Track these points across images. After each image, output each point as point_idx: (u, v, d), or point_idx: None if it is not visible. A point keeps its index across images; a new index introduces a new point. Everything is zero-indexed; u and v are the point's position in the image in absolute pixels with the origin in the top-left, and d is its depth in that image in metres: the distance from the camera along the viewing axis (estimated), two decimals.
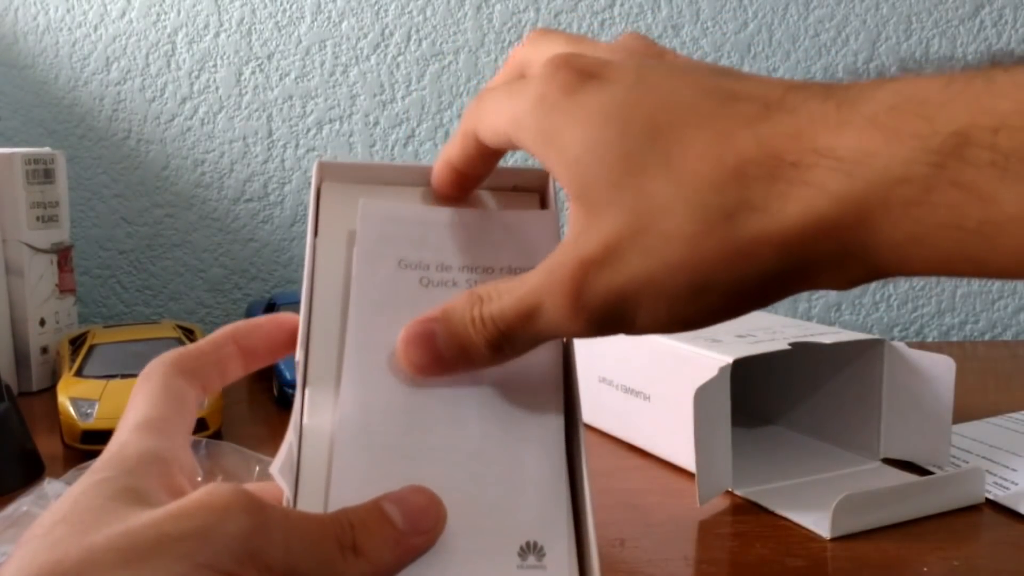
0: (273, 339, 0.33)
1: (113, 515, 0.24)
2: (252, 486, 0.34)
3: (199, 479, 0.30)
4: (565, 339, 0.31)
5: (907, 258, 0.23)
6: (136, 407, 0.29)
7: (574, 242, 0.27)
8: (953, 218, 0.22)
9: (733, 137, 0.25)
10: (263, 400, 0.69)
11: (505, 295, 0.28)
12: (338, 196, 0.32)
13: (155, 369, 0.31)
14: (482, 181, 0.33)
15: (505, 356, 0.29)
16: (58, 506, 0.25)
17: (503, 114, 0.29)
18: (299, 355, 0.29)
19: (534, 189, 0.34)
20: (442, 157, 0.33)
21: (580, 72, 0.27)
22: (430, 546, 0.26)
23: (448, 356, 0.29)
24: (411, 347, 0.29)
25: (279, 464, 0.27)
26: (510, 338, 0.28)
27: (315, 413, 0.28)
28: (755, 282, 0.25)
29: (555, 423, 0.29)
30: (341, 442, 0.28)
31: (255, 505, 0.24)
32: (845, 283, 0.25)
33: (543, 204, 0.34)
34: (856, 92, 0.24)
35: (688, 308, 0.26)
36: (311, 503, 0.27)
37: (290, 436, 0.28)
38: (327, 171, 0.33)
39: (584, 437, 0.29)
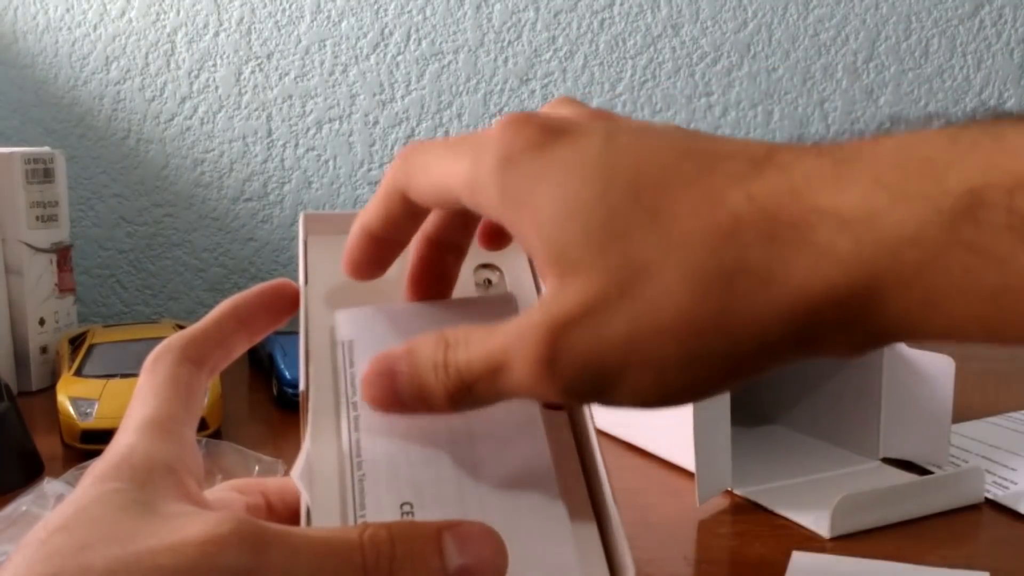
0: (275, 308, 0.33)
1: (118, 529, 0.23)
2: (268, 481, 0.34)
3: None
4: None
5: (917, 325, 0.22)
6: (143, 401, 0.29)
7: (548, 303, 0.24)
8: (967, 283, 0.21)
9: (723, 196, 0.23)
10: (262, 399, 0.69)
11: (473, 345, 0.26)
12: (324, 247, 0.34)
13: (162, 357, 0.30)
14: (401, 251, 0.31)
15: (464, 407, 0.27)
16: (62, 511, 0.24)
17: (449, 173, 0.27)
18: (302, 385, 0.30)
19: None
20: (356, 225, 0.31)
21: (546, 129, 0.25)
22: None
23: (407, 398, 0.27)
24: (373, 382, 0.28)
25: (299, 470, 0.27)
26: (472, 391, 0.26)
27: (320, 439, 0.29)
28: (753, 352, 0.23)
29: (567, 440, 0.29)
30: (368, 453, 0.28)
31: (257, 538, 0.23)
32: (849, 351, 0.23)
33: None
34: (852, 150, 0.23)
35: (677, 379, 0.24)
36: (326, 514, 0.27)
37: (307, 444, 0.28)
38: (312, 224, 0.35)
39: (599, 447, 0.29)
